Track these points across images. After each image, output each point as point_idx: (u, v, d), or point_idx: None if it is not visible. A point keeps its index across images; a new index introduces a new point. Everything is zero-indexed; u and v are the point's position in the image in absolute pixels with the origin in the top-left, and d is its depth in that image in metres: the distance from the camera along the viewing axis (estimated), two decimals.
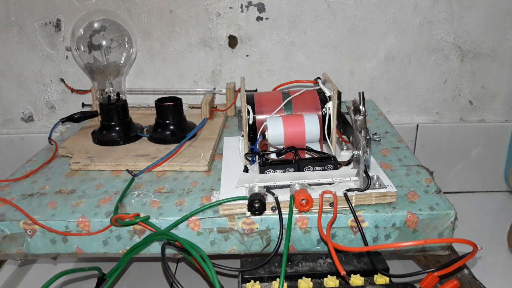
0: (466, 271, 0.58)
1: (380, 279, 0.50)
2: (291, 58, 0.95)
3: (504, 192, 1.05)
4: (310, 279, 0.50)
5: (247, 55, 0.95)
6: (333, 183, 0.56)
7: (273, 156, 0.60)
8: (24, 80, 0.97)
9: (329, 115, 0.63)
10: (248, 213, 0.55)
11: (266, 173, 0.57)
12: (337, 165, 0.58)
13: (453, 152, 1.02)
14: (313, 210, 0.54)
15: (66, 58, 0.95)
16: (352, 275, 0.50)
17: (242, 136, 0.65)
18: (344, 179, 0.56)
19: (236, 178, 0.57)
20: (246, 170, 0.60)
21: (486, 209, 0.98)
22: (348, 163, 0.59)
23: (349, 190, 0.55)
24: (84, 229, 0.56)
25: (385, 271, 0.50)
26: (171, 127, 0.75)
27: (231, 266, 0.51)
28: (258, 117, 0.63)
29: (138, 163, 0.68)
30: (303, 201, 0.52)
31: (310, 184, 0.55)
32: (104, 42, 0.79)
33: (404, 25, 0.92)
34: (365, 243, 0.54)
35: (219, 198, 0.56)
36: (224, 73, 0.96)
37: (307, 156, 0.61)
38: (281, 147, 0.60)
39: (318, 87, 0.67)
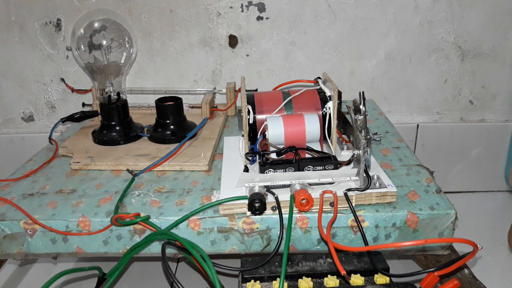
0: (466, 270, 0.58)
1: (380, 278, 0.50)
2: (291, 58, 0.95)
3: (504, 192, 1.04)
4: (310, 278, 0.50)
5: (247, 55, 0.95)
6: (333, 182, 0.56)
7: (273, 155, 0.60)
8: (24, 79, 0.97)
9: (330, 114, 0.63)
10: (249, 213, 0.55)
11: (266, 172, 0.57)
12: (337, 164, 0.58)
13: (453, 152, 1.02)
14: (313, 210, 0.54)
15: (67, 57, 0.95)
16: (352, 274, 0.50)
17: (243, 135, 0.65)
18: (344, 178, 0.56)
19: (237, 177, 0.57)
20: (246, 169, 0.60)
21: (486, 209, 0.98)
22: (348, 162, 0.59)
23: (349, 189, 0.55)
24: (84, 228, 0.56)
25: (386, 271, 0.50)
26: (172, 126, 0.75)
27: (231, 265, 0.51)
28: (259, 116, 0.63)
29: (139, 163, 0.68)
30: (303, 201, 0.52)
31: (310, 184, 0.55)
32: (104, 42, 0.79)
33: (405, 25, 0.92)
34: (365, 243, 0.54)
35: (220, 198, 0.56)
36: (225, 73, 0.96)
37: (307, 155, 0.61)
38: (281, 146, 0.60)
39: (319, 86, 0.67)
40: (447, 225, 0.55)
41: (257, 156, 0.60)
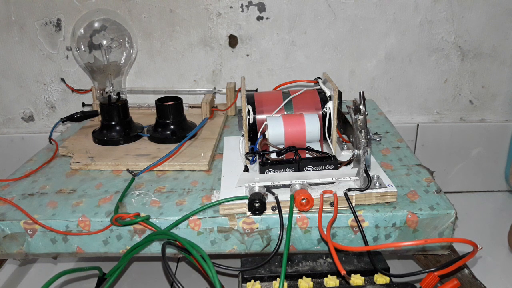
0: (466, 270, 0.58)
1: (380, 278, 0.50)
2: (291, 58, 0.95)
3: (504, 192, 1.04)
4: (310, 278, 0.50)
5: (247, 55, 0.95)
6: (333, 182, 0.56)
7: (273, 155, 0.60)
8: (24, 79, 0.97)
9: (330, 114, 0.63)
10: (249, 213, 0.55)
11: (266, 172, 0.57)
12: (337, 164, 0.58)
13: (453, 152, 1.02)
14: (314, 210, 0.54)
15: (67, 57, 0.95)
16: (352, 274, 0.50)
17: (243, 135, 0.65)
18: (344, 178, 0.56)
19: (237, 177, 0.57)
20: (246, 169, 0.60)
21: (486, 209, 0.98)
22: (348, 162, 0.59)
23: (349, 189, 0.55)
24: (84, 228, 0.56)
25: (386, 271, 0.50)
26: (172, 126, 0.75)
27: (231, 265, 0.51)
28: (259, 116, 0.63)
29: (139, 163, 0.68)
30: (304, 201, 0.52)
31: (310, 184, 0.55)
32: (104, 42, 0.79)
33: (405, 25, 0.92)
34: (366, 243, 0.54)
35: (220, 198, 0.56)
36: (225, 73, 0.96)
37: (307, 155, 0.61)
38: (281, 146, 0.60)
39: (319, 86, 0.67)
40: (447, 225, 0.55)
41: (257, 156, 0.60)
